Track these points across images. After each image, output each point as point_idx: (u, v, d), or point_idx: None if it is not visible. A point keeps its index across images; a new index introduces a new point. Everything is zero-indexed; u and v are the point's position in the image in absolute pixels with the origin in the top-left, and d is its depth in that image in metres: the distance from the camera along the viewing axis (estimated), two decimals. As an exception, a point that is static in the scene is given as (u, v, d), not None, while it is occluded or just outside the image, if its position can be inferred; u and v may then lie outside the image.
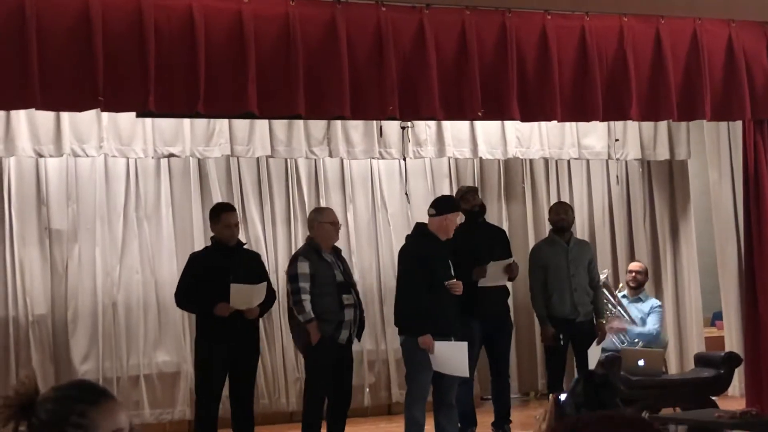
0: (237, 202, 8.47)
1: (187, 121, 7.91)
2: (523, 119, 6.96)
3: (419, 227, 6.63)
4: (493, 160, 9.27)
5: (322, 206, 7.89)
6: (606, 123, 8.81)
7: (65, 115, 7.55)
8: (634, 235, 9.68)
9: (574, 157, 9.31)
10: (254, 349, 6.44)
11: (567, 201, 8.89)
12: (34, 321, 7.90)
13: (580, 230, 9.36)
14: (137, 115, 7.08)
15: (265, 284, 6.38)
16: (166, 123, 7.92)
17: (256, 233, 8.54)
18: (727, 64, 7.36)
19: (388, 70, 6.29)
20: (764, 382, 7.67)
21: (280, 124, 8.25)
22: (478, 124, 8.73)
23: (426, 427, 6.48)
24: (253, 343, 6.42)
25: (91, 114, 7.26)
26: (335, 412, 6.54)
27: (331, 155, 8.59)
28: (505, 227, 9.15)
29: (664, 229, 9.74)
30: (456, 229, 6.89)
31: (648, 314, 8.24)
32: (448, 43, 6.52)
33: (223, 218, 6.45)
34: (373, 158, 8.80)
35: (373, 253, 8.92)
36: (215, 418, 6.25)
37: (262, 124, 8.17)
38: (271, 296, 6.60)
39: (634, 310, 8.18)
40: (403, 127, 8.41)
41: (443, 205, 6.59)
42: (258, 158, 8.52)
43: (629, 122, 8.63)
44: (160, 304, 8.23)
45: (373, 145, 8.61)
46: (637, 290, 8.27)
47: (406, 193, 8.90)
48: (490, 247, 7.11)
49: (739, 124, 8.17)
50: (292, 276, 6.41)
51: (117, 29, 5.75)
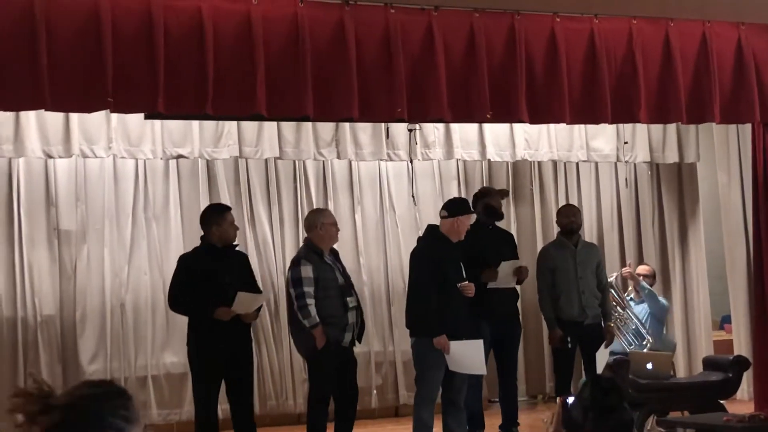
0: (245, 204, 8.50)
1: (195, 122, 7.92)
2: (532, 121, 6.96)
3: (431, 229, 6.62)
4: (502, 162, 9.26)
5: (320, 208, 7.88)
6: (615, 125, 8.80)
7: (74, 116, 7.57)
8: (642, 238, 9.67)
9: (583, 159, 9.29)
10: (248, 351, 6.44)
11: (575, 203, 8.88)
12: (43, 321, 7.92)
13: (589, 233, 9.35)
14: (146, 117, 7.10)
15: (265, 295, 6.40)
16: (174, 124, 7.93)
17: (264, 234, 8.55)
18: (736, 67, 7.34)
19: (397, 72, 6.29)
20: (773, 385, 7.65)
21: (288, 126, 8.26)
22: (486, 126, 8.73)
23: (434, 429, 6.47)
24: (246, 345, 6.42)
25: (100, 115, 7.28)
26: (343, 415, 6.53)
27: (339, 157, 8.60)
28: (513, 229, 9.15)
29: (673, 232, 9.72)
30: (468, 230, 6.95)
31: (649, 316, 8.24)
32: (457, 45, 6.51)
33: (228, 216, 6.45)
34: (382, 160, 8.81)
35: (381, 255, 8.92)
36: (216, 421, 6.25)
37: (270, 126, 8.18)
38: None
39: (643, 311, 8.17)
40: (410, 130, 8.41)
41: (455, 207, 6.58)
42: (266, 160, 8.53)
43: (638, 125, 8.62)
44: (168, 305, 8.23)
45: (381, 147, 8.62)
46: (637, 293, 8.26)
47: (412, 196, 8.89)
48: (498, 250, 7.11)
49: (748, 126, 8.15)
50: (295, 280, 6.37)
51: (126, 31, 5.77)
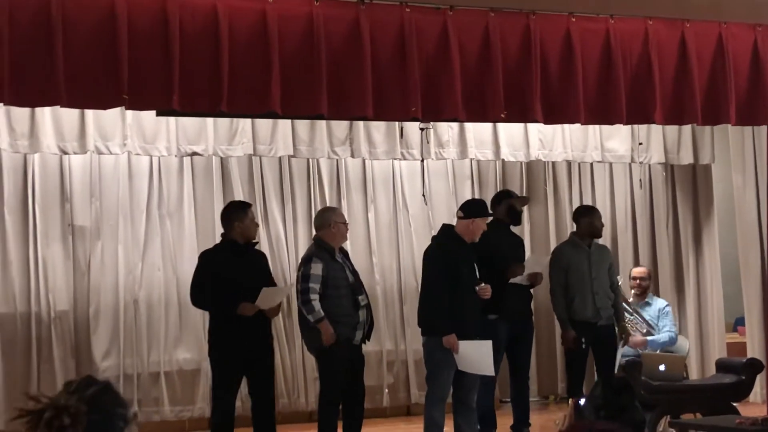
0: (258, 201, 8.51)
1: (210, 120, 7.95)
2: (547, 121, 6.94)
3: (445, 228, 6.62)
4: (516, 162, 9.25)
5: (331, 206, 7.87)
6: (629, 126, 8.78)
7: (90, 113, 7.60)
8: (656, 239, 9.64)
9: (597, 160, 9.27)
10: (269, 347, 6.45)
11: (589, 204, 8.85)
12: (56, 317, 7.96)
13: (603, 233, 9.31)
14: (158, 114, 7.12)
15: (292, 286, 6.38)
16: (189, 122, 7.96)
17: (278, 233, 8.56)
18: (752, 69, 7.30)
19: (411, 71, 6.29)
20: (786, 388, 7.62)
21: (302, 124, 8.27)
22: (500, 125, 8.72)
23: (445, 429, 6.47)
24: (267, 341, 6.43)
25: (115, 112, 7.30)
26: (350, 413, 6.54)
27: (353, 155, 8.60)
28: (526, 230, 9.15)
29: (687, 233, 9.68)
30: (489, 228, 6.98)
31: (658, 317, 8.20)
32: (472, 44, 6.51)
33: (249, 213, 6.47)
34: (395, 159, 8.81)
35: (394, 254, 8.92)
36: (233, 416, 6.25)
37: (284, 124, 8.20)
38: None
39: (645, 316, 8.14)
40: (422, 129, 8.39)
41: (472, 209, 6.57)
42: (280, 158, 8.54)
43: (653, 125, 8.59)
44: (181, 301, 8.27)
45: (395, 146, 8.62)
46: (643, 296, 8.21)
47: (423, 195, 8.89)
48: (515, 251, 7.10)
49: (763, 128, 8.12)
50: (304, 276, 6.39)
51: (142, 28, 5.79)
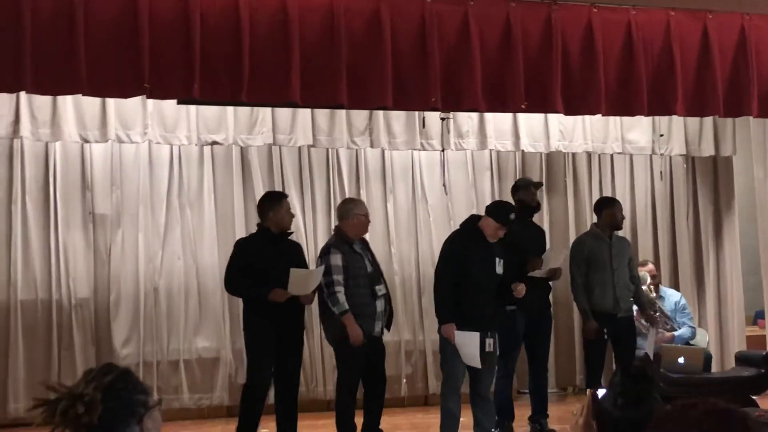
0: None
1: (230, 109, 7.97)
2: (567, 112, 6.92)
3: (471, 219, 6.59)
4: (536, 153, 9.22)
5: (354, 197, 7.86)
6: (650, 117, 8.74)
7: (111, 102, 7.64)
8: (676, 231, 9.60)
9: (618, 151, 9.24)
10: (300, 336, 6.46)
11: (609, 196, 8.81)
12: (77, 304, 8.02)
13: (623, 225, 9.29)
14: (178, 102, 7.15)
15: (322, 269, 6.36)
16: (209, 111, 7.98)
17: (296, 222, 8.56)
18: (775, 60, 7.26)
19: (432, 61, 6.29)
20: (806, 382, 7.57)
21: (322, 114, 8.28)
22: (520, 116, 8.70)
23: (463, 420, 6.48)
24: (299, 329, 6.44)
25: (136, 101, 7.33)
26: (370, 404, 6.55)
27: (372, 145, 8.61)
28: (546, 221, 9.13)
29: (708, 226, 9.64)
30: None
31: (675, 312, 8.17)
32: (493, 34, 6.49)
33: (285, 204, 6.48)
34: (415, 149, 8.80)
35: (413, 245, 8.92)
36: (262, 405, 6.28)
37: (304, 114, 8.21)
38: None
39: (667, 306, 8.14)
40: (442, 118, 8.40)
41: (491, 209, 6.52)
42: (299, 147, 8.56)
43: (674, 117, 8.55)
44: (201, 290, 8.31)
45: (414, 136, 8.61)
46: (655, 291, 8.21)
47: (444, 185, 8.88)
48: (535, 243, 7.09)
49: (786, 121, 8.06)
50: (325, 269, 6.40)
51: (163, 17, 5.81)
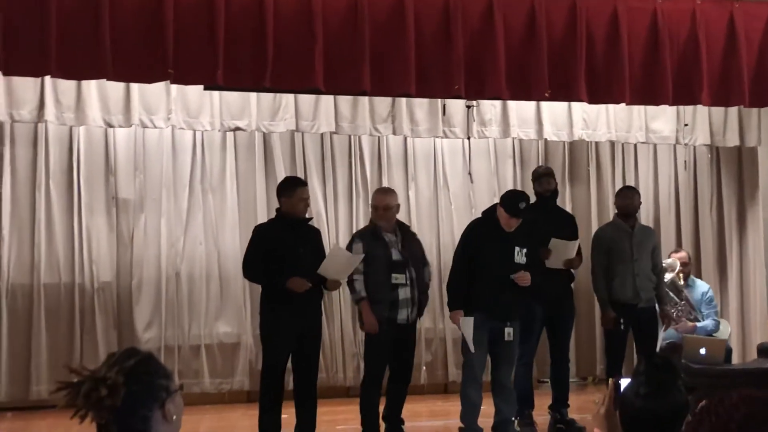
0: (300, 177, 8.52)
1: (253, 95, 7.98)
2: (591, 101, 6.89)
3: (492, 208, 6.59)
4: (559, 141, 9.18)
5: (383, 187, 7.82)
6: (675, 107, 8.67)
7: (135, 87, 7.66)
8: (700, 222, 9.54)
9: (642, 140, 9.18)
10: (318, 325, 6.47)
11: (632, 185, 8.77)
12: (100, 288, 8.07)
13: (645, 216, 9.24)
14: (205, 88, 7.17)
15: (361, 256, 6.36)
16: (233, 97, 7.99)
17: (318, 209, 8.59)
18: (803, 50, 7.19)
19: (455, 49, 6.27)
20: (829, 375, 7.52)
21: (345, 101, 8.28)
22: (544, 104, 8.66)
23: (484, 408, 6.48)
24: (318, 319, 6.45)
25: (160, 86, 7.36)
26: (393, 390, 6.57)
27: (394, 133, 8.59)
28: (568, 210, 9.08)
29: (731, 216, 9.57)
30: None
31: (701, 302, 8.12)
32: (517, 22, 6.46)
33: (299, 191, 6.45)
34: (437, 137, 8.79)
35: (434, 232, 8.91)
36: (281, 391, 6.29)
37: (327, 100, 8.20)
38: None
39: (694, 296, 8.10)
40: (468, 106, 8.38)
41: (502, 197, 6.56)
42: (322, 134, 8.56)
43: (699, 107, 8.49)
44: (222, 275, 8.34)
45: (437, 124, 8.60)
46: (685, 279, 8.16)
47: (469, 173, 8.86)
48: (558, 232, 7.05)
49: (812, 111, 7.99)
50: None
51: (188, 3, 5.83)
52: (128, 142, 8.22)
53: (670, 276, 7.93)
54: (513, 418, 6.59)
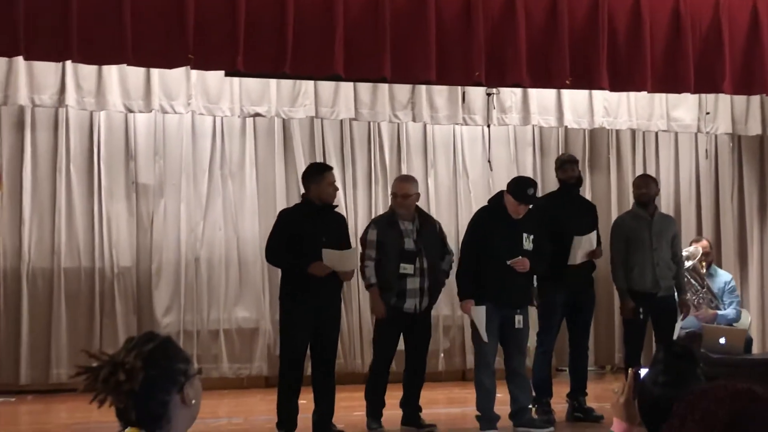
0: (320, 164, 8.55)
1: (273, 81, 7.98)
2: (612, 89, 6.84)
3: (498, 195, 6.61)
4: (579, 129, 9.15)
5: (403, 175, 7.81)
6: (696, 95, 8.61)
7: (155, 72, 7.68)
8: (720, 211, 9.49)
9: (663, 129, 9.13)
10: (337, 311, 6.48)
11: (653, 174, 8.73)
12: (119, 273, 8.12)
13: (666, 204, 9.20)
14: (225, 74, 7.17)
15: (356, 249, 6.40)
16: (252, 83, 8.00)
17: (338, 195, 8.58)
18: (826, 38, 7.11)
19: (476, 35, 6.24)
20: None
21: (364, 87, 8.26)
22: (564, 92, 8.61)
23: (500, 396, 6.49)
24: (336, 305, 6.46)
25: (180, 71, 7.37)
26: (408, 379, 6.59)
27: (414, 120, 8.58)
28: (588, 198, 9.05)
29: (752, 205, 9.51)
30: (547, 198, 7.22)
31: (723, 291, 8.08)
32: (538, 9, 6.42)
33: (327, 176, 6.46)
34: (457, 124, 8.76)
35: (453, 219, 8.90)
36: (300, 379, 6.31)
37: (347, 87, 8.20)
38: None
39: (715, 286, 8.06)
40: (488, 94, 8.35)
41: (509, 184, 6.57)
42: (341, 120, 8.55)
43: (721, 95, 8.42)
44: (241, 261, 8.37)
45: (457, 111, 8.57)
46: (708, 268, 8.13)
47: (488, 161, 8.84)
48: (579, 221, 7.03)
49: (836, 100, 7.91)
50: (361, 242, 6.59)
51: (208, -12, 5.81)
52: (148, 127, 8.25)
53: (691, 263, 7.89)
54: (530, 406, 6.59)
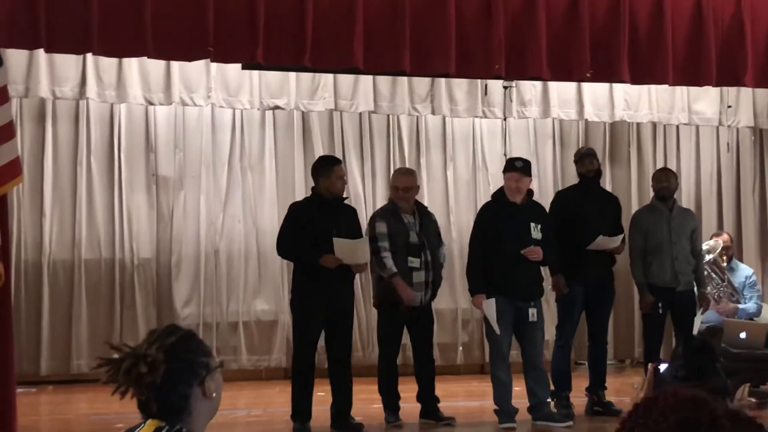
0: (338, 156, 8.53)
1: (292, 74, 7.99)
2: (633, 81, 6.80)
3: (501, 188, 6.62)
4: (599, 122, 9.10)
5: (402, 168, 7.78)
6: (718, 88, 8.55)
7: (175, 65, 7.70)
8: (742, 204, 9.43)
9: (684, 122, 9.08)
10: (349, 302, 6.48)
11: (674, 167, 8.68)
12: (139, 264, 8.16)
13: (686, 198, 9.16)
14: (243, 67, 7.18)
15: (366, 239, 6.40)
16: (272, 76, 8.01)
17: (356, 188, 8.60)
18: None
19: (496, 28, 6.21)
20: None
21: (384, 80, 8.26)
22: (585, 85, 8.58)
23: (518, 390, 6.48)
24: (349, 297, 6.46)
25: (200, 64, 7.38)
26: (421, 372, 6.60)
27: (433, 113, 8.57)
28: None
29: (774, 200, 9.45)
30: (568, 191, 7.22)
31: (744, 286, 8.03)
32: (559, 1, 6.39)
33: (336, 170, 6.47)
34: (476, 117, 8.74)
35: (471, 213, 8.83)
36: (312, 368, 6.33)
37: (366, 80, 8.19)
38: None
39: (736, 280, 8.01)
40: (505, 87, 8.33)
41: (504, 166, 6.60)
42: (360, 113, 8.55)
43: (742, 88, 8.36)
44: (260, 253, 8.39)
45: (476, 104, 8.56)
46: (729, 262, 8.08)
47: (505, 155, 8.81)
48: (601, 214, 7.00)
49: None
50: (371, 237, 6.52)
51: (228, -19, 5.82)
52: (168, 119, 8.28)
53: (711, 257, 7.84)
54: (548, 400, 6.58)
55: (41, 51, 6.28)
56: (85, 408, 7.30)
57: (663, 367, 2.81)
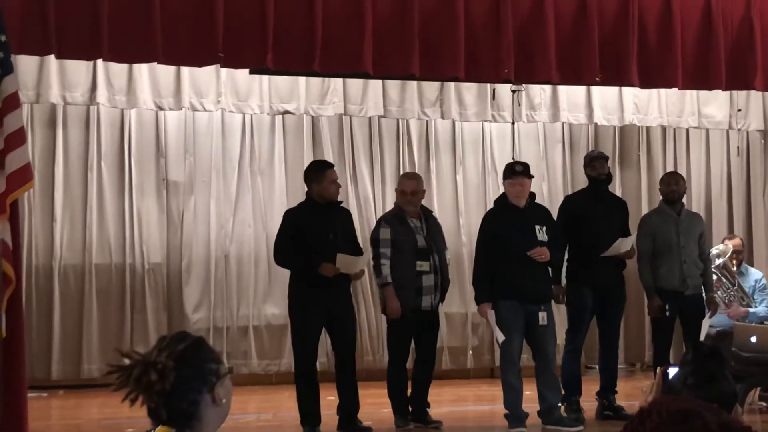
0: (348, 161, 8.57)
1: (302, 79, 8.01)
2: (643, 85, 6.80)
3: (503, 195, 6.63)
4: (609, 126, 9.10)
5: (408, 172, 7.81)
6: (728, 92, 8.53)
7: (185, 70, 7.73)
8: (752, 208, 9.41)
9: (694, 126, 9.06)
10: (349, 308, 6.46)
11: (684, 171, 8.67)
12: (150, 269, 8.18)
13: (696, 201, 9.14)
14: (251, 72, 7.20)
15: (367, 256, 6.42)
16: (281, 81, 8.03)
17: (366, 192, 8.61)
18: None
19: (505, 32, 6.22)
20: None
21: (393, 85, 8.27)
22: (594, 88, 8.58)
23: (529, 394, 6.47)
24: (348, 302, 6.44)
25: (210, 70, 7.41)
26: (418, 375, 6.59)
27: (443, 117, 8.58)
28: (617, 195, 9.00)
29: (785, 203, 9.43)
30: (577, 195, 7.24)
31: (754, 290, 8.01)
32: (568, 5, 6.40)
33: (328, 174, 6.43)
34: (485, 121, 8.75)
35: (481, 217, 8.80)
36: (314, 371, 6.33)
37: (375, 84, 8.21)
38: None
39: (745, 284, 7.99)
40: (513, 91, 8.33)
41: (504, 172, 6.59)
42: (370, 118, 8.56)
43: (752, 92, 8.34)
44: (270, 257, 8.35)
45: (485, 108, 8.56)
46: (739, 267, 8.06)
47: (514, 159, 8.81)
48: (609, 217, 6.99)
49: None
50: (373, 241, 6.55)
51: (238, -13, 5.84)
52: (178, 124, 8.30)
53: (722, 260, 7.82)
54: (559, 404, 6.57)
55: (52, 57, 6.31)
56: (95, 412, 7.32)
57: (672, 371, 2.81)
